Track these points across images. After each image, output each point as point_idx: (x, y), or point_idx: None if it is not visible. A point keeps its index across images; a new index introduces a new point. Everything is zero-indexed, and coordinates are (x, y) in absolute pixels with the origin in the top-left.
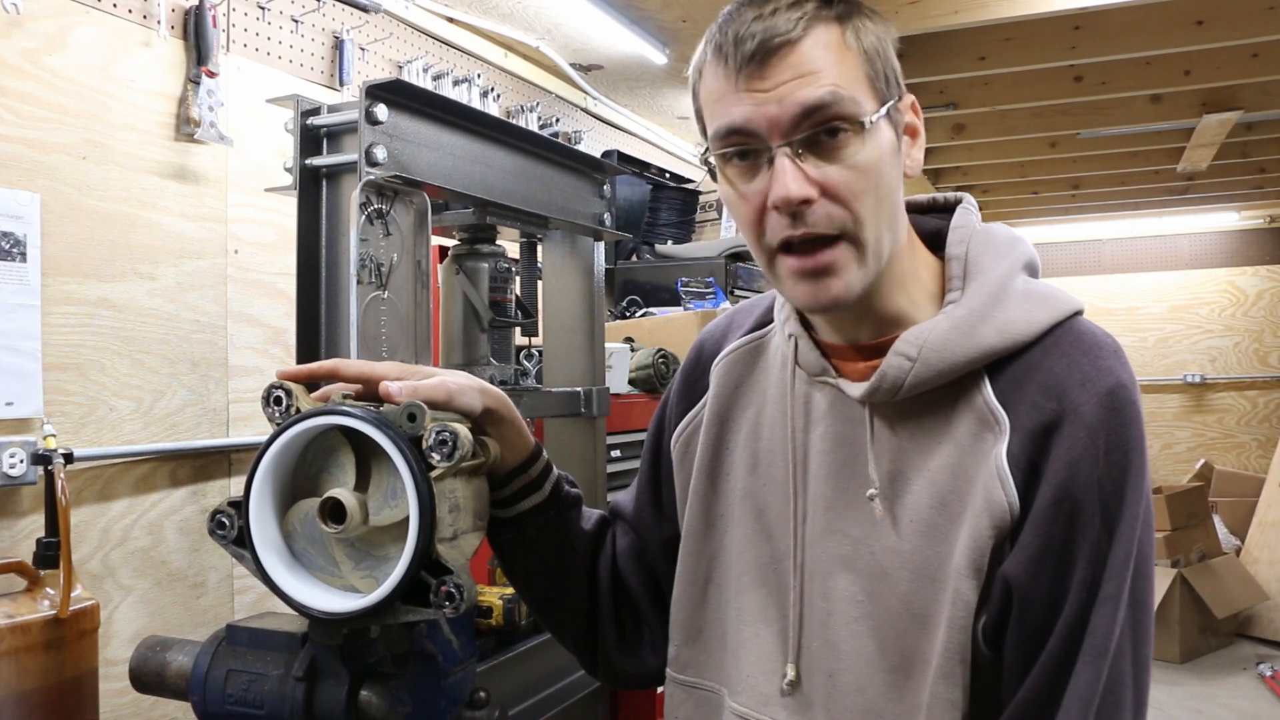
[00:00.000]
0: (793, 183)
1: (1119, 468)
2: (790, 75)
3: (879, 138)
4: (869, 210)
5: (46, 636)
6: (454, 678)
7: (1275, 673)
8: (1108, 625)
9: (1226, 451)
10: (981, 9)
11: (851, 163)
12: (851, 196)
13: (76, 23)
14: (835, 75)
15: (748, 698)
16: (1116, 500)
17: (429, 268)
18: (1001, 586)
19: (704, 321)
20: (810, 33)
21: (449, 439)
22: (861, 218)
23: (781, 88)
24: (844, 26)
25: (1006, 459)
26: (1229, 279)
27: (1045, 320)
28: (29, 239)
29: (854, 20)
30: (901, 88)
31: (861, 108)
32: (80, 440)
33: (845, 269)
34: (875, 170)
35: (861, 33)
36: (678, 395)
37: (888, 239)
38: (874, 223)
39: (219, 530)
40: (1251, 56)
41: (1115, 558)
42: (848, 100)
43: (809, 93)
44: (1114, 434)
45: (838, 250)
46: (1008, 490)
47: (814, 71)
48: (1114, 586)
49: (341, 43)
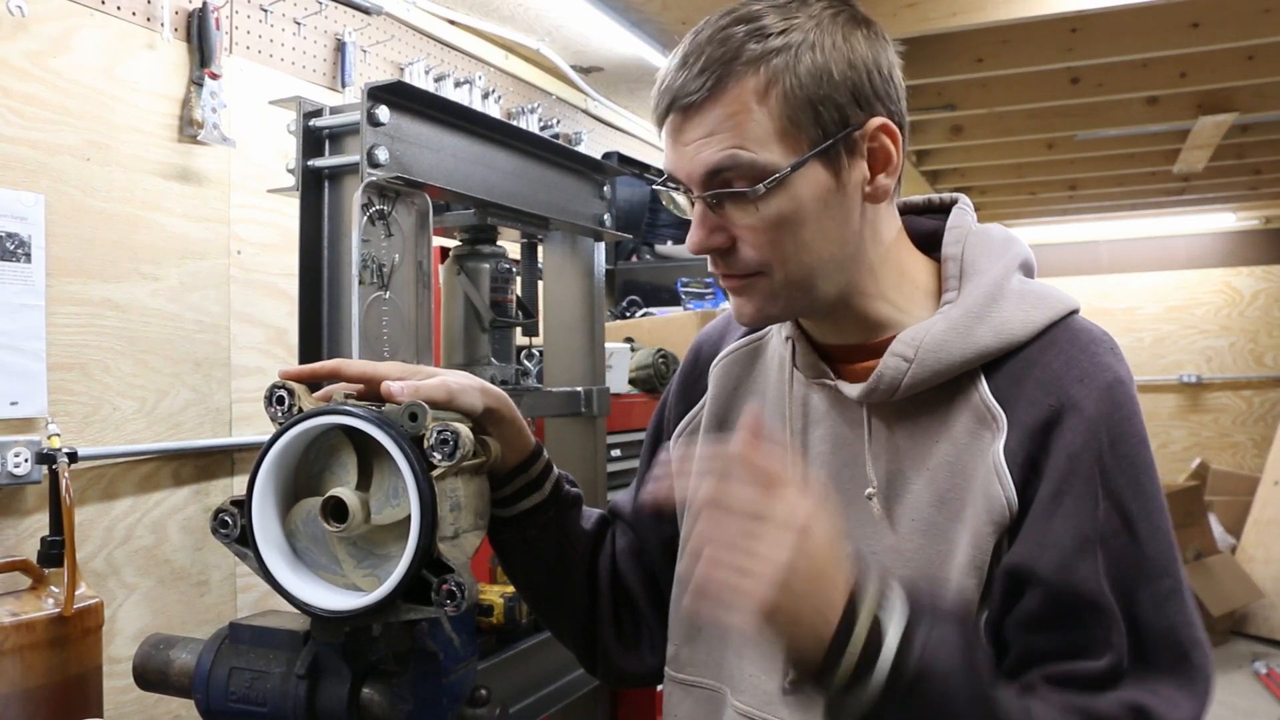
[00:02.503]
0: (702, 234)
1: (1128, 460)
2: (699, 134)
3: (796, 187)
4: (786, 254)
5: (51, 634)
6: (455, 675)
7: (1271, 670)
8: (1176, 620)
9: (1222, 451)
10: (979, 11)
11: (761, 215)
12: (760, 245)
13: (80, 25)
14: (736, 137)
15: (750, 696)
16: (1137, 492)
17: (430, 268)
18: (1005, 579)
19: (704, 322)
20: (719, 91)
21: (450, 438)
22: (774, 261)
23: (693, 145)
24: (767, 73)
25: (1004, 455)
26: (1225, 279)
27: (1041, 320)
28: (33, 240)
29: (783, 61)
30: (858, 116)
31: (767, 167)
32: (84, 440)
33: (758, 295)
34: (789, 219)
35: (787, 75)
36: (676, 396)
37: (824, 270)
38: (794, 264)
39: (222, 529)
40: (1247, 59)
41: (1158, 548)
42: (746, 164)
43: (708, 156)
44: (1117, 427)
45: (753, 279)
46: (1005, 487)
47: (717, 133)
48: (1172, 582)
49: (343, 45)
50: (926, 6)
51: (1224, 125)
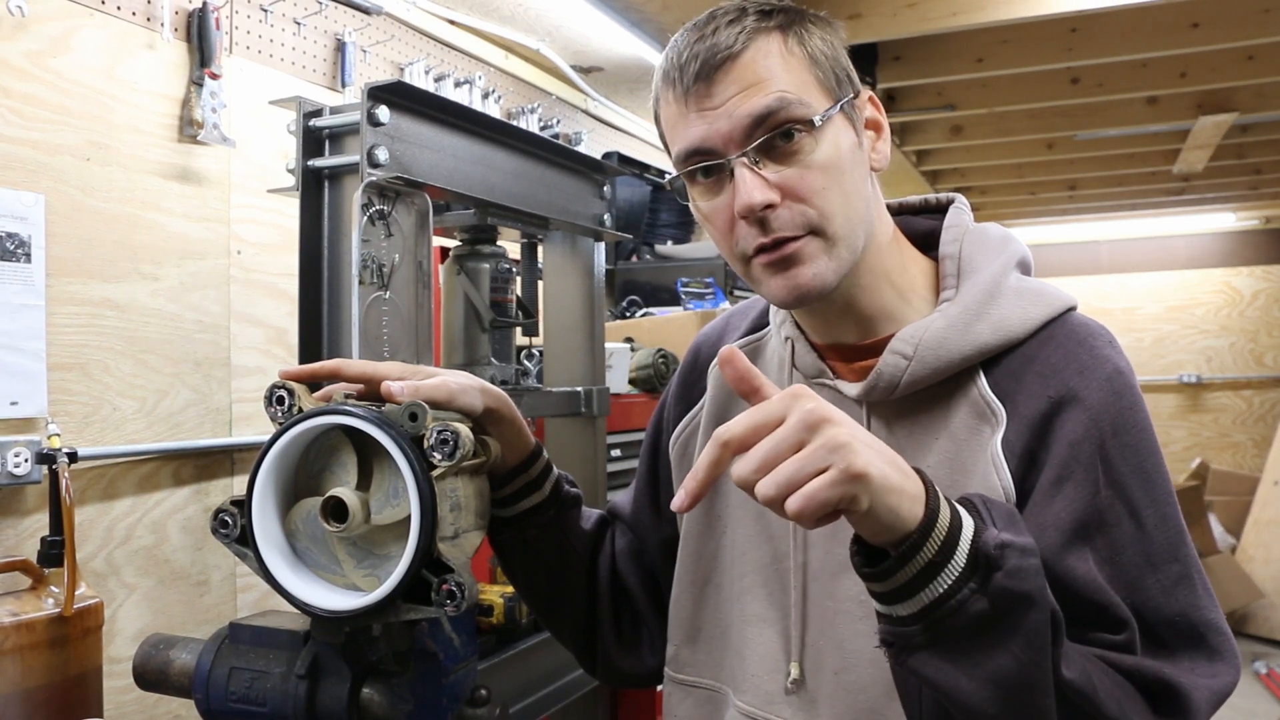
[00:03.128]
0: (754, 190)
1: (1132, 449)
2: (736, 89)
3: (835, 134)
4: (834, 204)
5: (51, 634)
6: (455, 675)
7: (1271, 670)
8: (1186, 604)
9: (1222, 451)
10: (979, 11)
11: (809, 162)
12: (813, 194)
13: (80, 25)
14: (780, 81)
15: (753, 696)
16: (1142, 480)
17: (430, 268)
18: None
19: (704, 322)
20: (750, 45)
21: (450, 438)
22: (827, 212)
23: (729, 102)
24: (785, 35)
25: (1002, 447)
26: (1225, 279)
27: (1039, 316)
28: (33, 240)
29: (795, 28)
30: (856, 85)
31: (811, 108)
32: (84, 440)
33: (813, 259)
34: (834, 166)
35: (805, 38)
36: (675, 397)
37: (860, 230)
38: (841, 215)
39: (222, 529)
40: (1247, 59)
41: (1165, 534)
42: (795, 103)
43: (756, 102)
44: (1120, 416)
45: (804, 241)
46: (1002, 477)
47: (758, 81)
48: (1180, 567)
49: (343, 45)
50: (926, 6)
51: (1224, 125)
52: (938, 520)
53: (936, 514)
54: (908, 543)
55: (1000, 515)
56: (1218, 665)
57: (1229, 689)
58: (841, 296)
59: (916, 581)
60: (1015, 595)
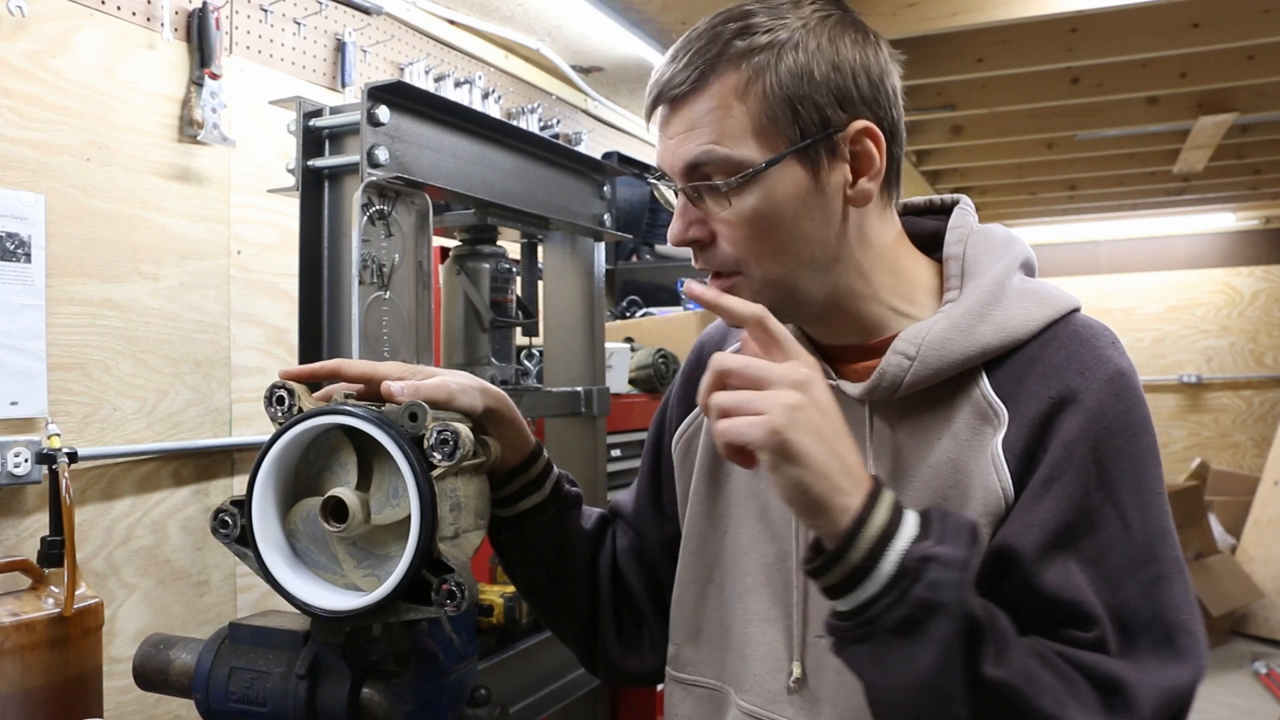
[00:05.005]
0: (681, 225)
1: (1126, 452)
2: (682, 128)
3: (773, 184)
4: (762, 253)
5: (51, 634)
6: (455, 675)
7: (1271, 670)
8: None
9: (1222, 451)
10: (979, 11)
11: (737, 209)
12: (736, 242)
13: (80, 25)
14: (713, 132)
15: (755, 695)
16: (1133, 482)
17: (430, 268)
18: (991, 560)
19: (704, 321)
20: (701, 86)
21: (450, 438)
22: (748, 260)
23: (676, 138)
24: (748, 70)
25: (1002, 447)
26: (1225, 279)
27: (1043, 318)
28: (33, 240)
29: (765, 59)
30: (837, 119)
31: (744, 160)
32: (84, 440)
33: (742, 292)
34: (765, 216)
35: (768, 73)
36: (678, 397)
37: (806, 271)
38: (771, 262)
39: (222, 529)
40: (1247, 59)
41: (1147, 535)
42: (721, 159)
43: (688, 149)
44: (1117, 419)
45: (733, 280)
46: (1001, 477)
47: (695, 128)
48: (1158, 568)
49: (343, 45)
50: (926, 6)
51: (1224, 125)
52: (865, 527)
53: (865, 521)
54: (836, 546)
55: (951, 528)
56: (1178, 666)
57: (1186, 689)
58: (830, 311)
59: (847, 583)
60: (931, 606)
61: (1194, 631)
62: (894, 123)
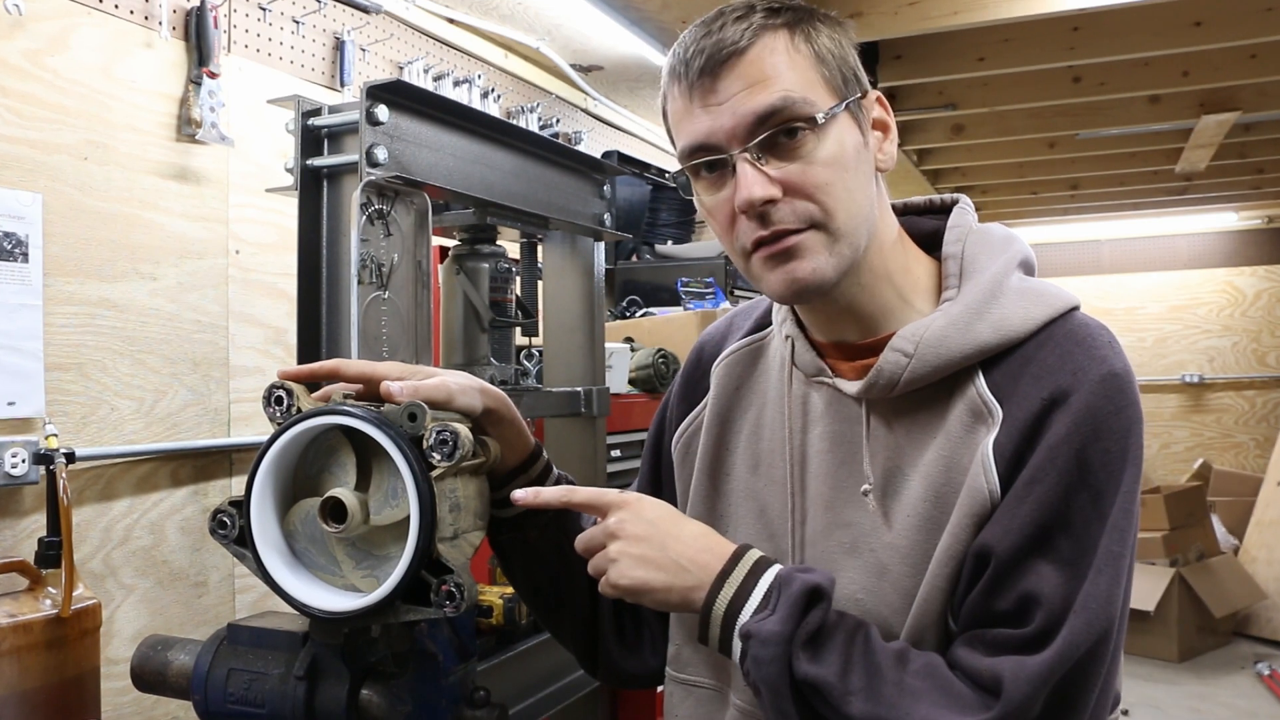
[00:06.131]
0: (755, 185)
1: (1112, 454)
2: (740, 85)
3: (839, 132)
4: (837, 200)
5: (48, 635)
6: (454, 677)
7: (1273, 671)
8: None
9: (1225, 451)
10: (981, 10)
11: (812, 158)
12: (815, 189)
13: (78, 24)
14: (785, 80)
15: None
16: (1114, 486)
17: (429, 268)
18: (971, 560)
19: (704, 322)
20: (757, 41)
21: (450, 439)
22: (829, 207)
23: (734, 99)
24: (793, 32)
25: (993, 448)
26: (1227, 279)
27: (1040, 316)
28: (31, 239)
29: (803, 26)
30: (863, 84)
31: (815, 106)
32: (82, 440)
33: (813, 253)
34: (838, 162)
35: (812, 37)
36: (678, 397)
37: (863, 228)
38: (845, 211)
39: (220, 530)
40: (1249, 57)
41: (1106, 532)
42: (799, 102)
43: (760, 99)
44: (1105, 422)
45: (805, 235)
46: (989, 478)
47: (763, 79)
48: (1103, 561)
49: (342, 43)
50: (928, 5)
51: (1226, 124)
52: (713, 610)
53: (712, 606)
54: (699, 633)
55: (786, 598)
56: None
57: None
58: (842, 295)
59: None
60: (759, 678)
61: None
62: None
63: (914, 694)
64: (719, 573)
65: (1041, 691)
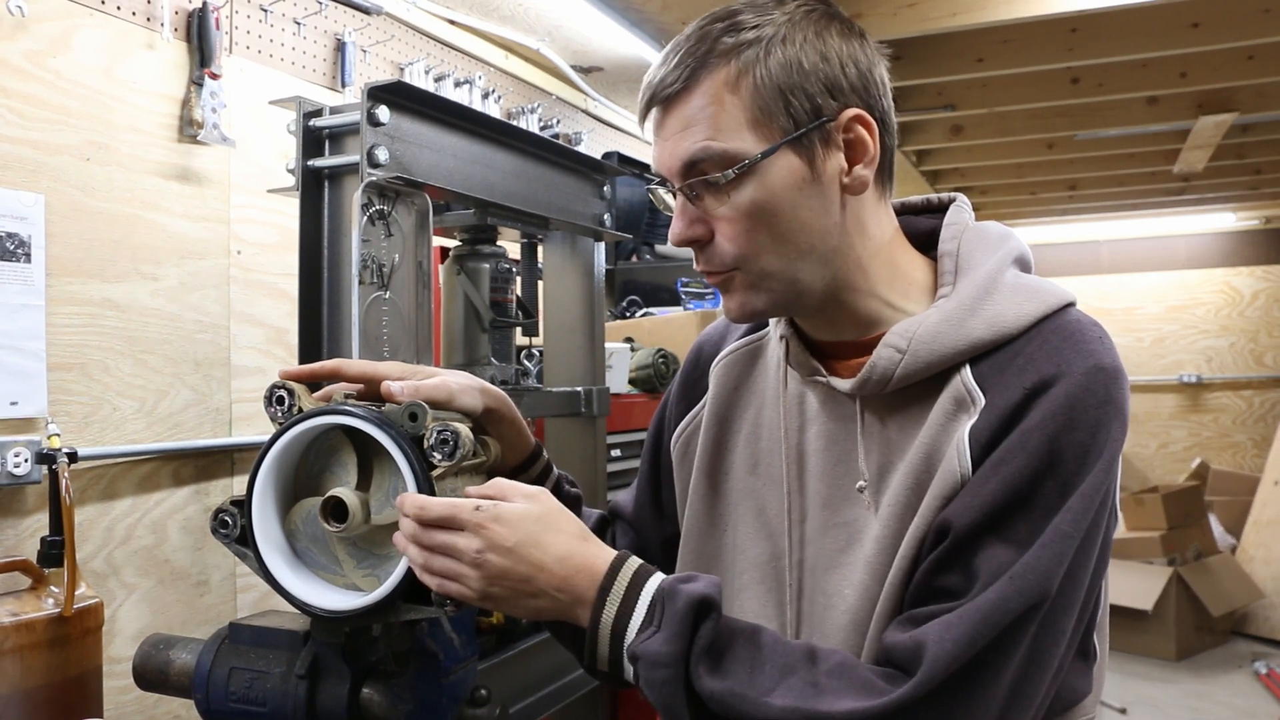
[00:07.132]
0: (679, 225)
1: (1085, 446)
2: (677, 127)
3: (772, 175)
4: (758, 247)
5: (51, 634)
6: (455, 676)
7: (1271, 670)
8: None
9: (1222, 451)
10: (979, 11)
11: (734, 204)
12: (733, 238)
13: (80, 25)
14: (710, 127)
15: None
16: (1084, 476)
17: (430, 268)
18: (933, 535)
19: (704, 322)
20: (693, 83)
21: (450, 438)
22: (746, 255)
23: (672, 138)
24: (738, 65)
25: (969, 433)
26: (1225, 279)
27: (1034, 313)
28: (33, 240)
29: (754, 53)
30: (828, 109)
31: (739, 153)
32: (84, 440)
33: (738, 291)
34: (763, 208)
35: (758, 66)
36: (677, 396)
37: (804, 263)
38: (768, 255)
39: (222, 529)
40: (1247, 59)
41: (1061, 513)
42: (717, 154)
43: (685, 146)
44: (1083, 414)
45: (726, 276)
46: (962, 462)
47: (690, 125)
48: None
49: (343, 45)
50: (927, 6)
51: (1224, 125)
52: (599, 628)
53: (598, 621)
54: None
55: (669, 615)
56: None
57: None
58: (820, 311)
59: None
60: (654, 700)
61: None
62: (884, 112)
63: (834, 692)
64: (601, 585)
65: (967, 653)
